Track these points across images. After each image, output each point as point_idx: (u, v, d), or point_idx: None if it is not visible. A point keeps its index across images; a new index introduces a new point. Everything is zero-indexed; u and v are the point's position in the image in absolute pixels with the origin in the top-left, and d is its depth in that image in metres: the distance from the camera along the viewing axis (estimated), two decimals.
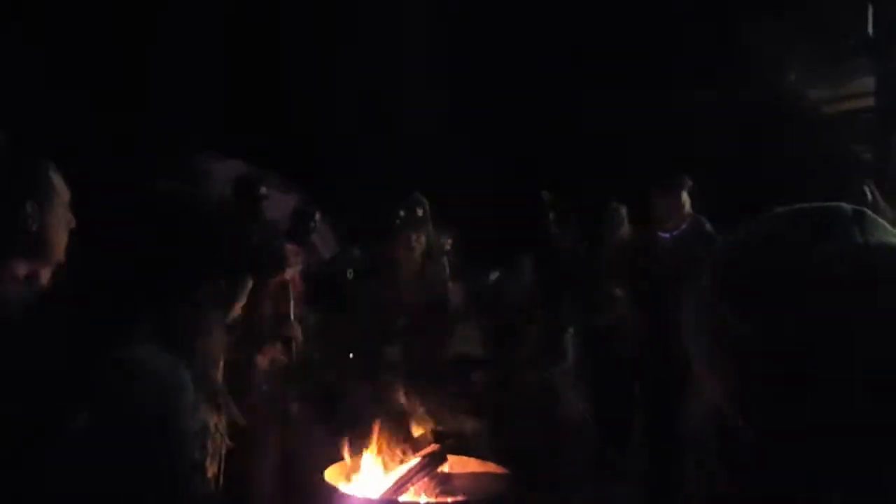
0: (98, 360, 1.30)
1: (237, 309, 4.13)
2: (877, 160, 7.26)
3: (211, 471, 1.44)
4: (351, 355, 4.44)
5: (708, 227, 4.64)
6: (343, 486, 2.92)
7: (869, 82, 7.57)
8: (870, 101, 7.62)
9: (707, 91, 7.32)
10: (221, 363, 1.55)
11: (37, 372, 1.32)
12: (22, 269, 1.63)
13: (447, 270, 5.06)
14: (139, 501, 1.27)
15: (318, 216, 5.58)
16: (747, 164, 6.80)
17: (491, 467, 3.17)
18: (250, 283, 4.04)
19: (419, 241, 4.48)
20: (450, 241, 5.77)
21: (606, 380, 5.16)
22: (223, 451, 1.49)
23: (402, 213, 5.23)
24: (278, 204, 5.55)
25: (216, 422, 1.45)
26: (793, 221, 0.86)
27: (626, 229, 5.62)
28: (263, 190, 5.27)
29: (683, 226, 4.67)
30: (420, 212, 5.29)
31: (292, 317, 4.25)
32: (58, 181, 1.74)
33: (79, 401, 1.26)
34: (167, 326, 1.39)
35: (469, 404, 4.13)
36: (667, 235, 4.76)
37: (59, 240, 1.68)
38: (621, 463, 4.95)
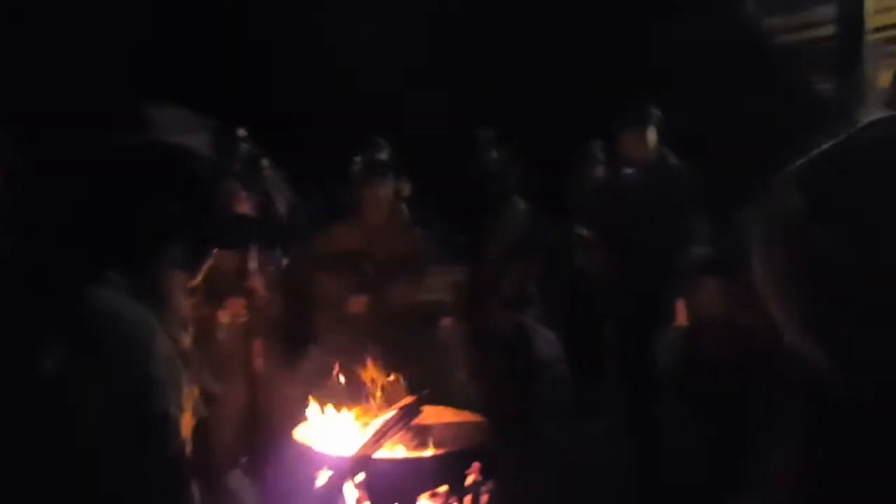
0: (67, 302, 1.23)
1: (201, 271, 3.97)
2: (837, 93, 7.18)
3: (185, 429, 1.34)
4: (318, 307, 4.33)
5: (673, 159, 4.56)
6: (314, 444, 2.82)
7: (828, 9, 7.45)
8: (829, 30, 7.51)
9: (662, 21, 7.14)
10: (189, 329, 1.48)
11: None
12: None
13: (408, 216, 4.94)
14: (111, 444, 1.20)
15: (266, 163, 5.41)
16: (704, 97, 6.69)
17: (467, 416, 3.11)
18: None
19: (384, 188, 4.32)
20: (408, 186, 5.62)
21: (577, 319, 5.12)
22: (197, 416, 1.39)
23: (362, 158, 5.07)
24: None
25: (190, 389, 1.36)
26: None
27: (601, 167, 5.52)
28: (242, 131, 5.10)
29: (649, 161, 4.54)
30: (384, 156, 5.13)
31: (253, 268, 4.12)
32: None
33: (47, 342, 1.19)
34: (136, 284, 1.31)
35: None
36: (631, 171, 4.67)
37: None
38: (596, 400, 4.95)
